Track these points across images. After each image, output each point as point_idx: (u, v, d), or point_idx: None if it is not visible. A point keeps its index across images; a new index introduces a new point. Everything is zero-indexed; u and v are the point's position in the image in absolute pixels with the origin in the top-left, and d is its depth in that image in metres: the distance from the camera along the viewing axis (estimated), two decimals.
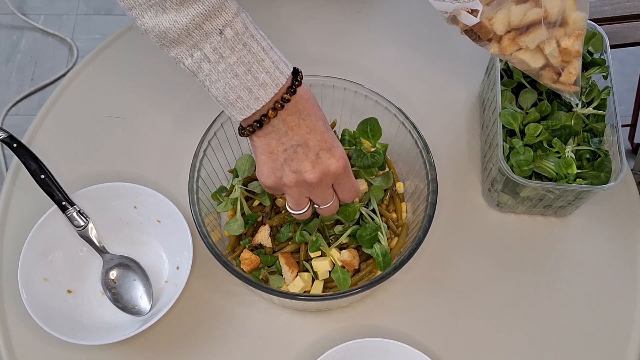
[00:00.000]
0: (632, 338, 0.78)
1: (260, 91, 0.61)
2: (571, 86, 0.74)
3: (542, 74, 0.74)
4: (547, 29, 0.68)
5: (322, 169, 0.64)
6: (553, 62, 0.71)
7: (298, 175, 0.64)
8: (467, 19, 0.69)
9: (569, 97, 0.76)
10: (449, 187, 0.86)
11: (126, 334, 0.72)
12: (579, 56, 0.71)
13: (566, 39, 0.68)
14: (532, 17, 0.68)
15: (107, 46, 0.99)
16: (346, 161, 0.65)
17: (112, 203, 0.80)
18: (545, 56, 0.71)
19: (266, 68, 0.61)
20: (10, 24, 2.03)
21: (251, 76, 0.60)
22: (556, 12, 0.67)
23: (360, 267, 0.76)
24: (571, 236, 0.85)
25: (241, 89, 0.61)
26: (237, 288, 0.79)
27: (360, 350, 0.71)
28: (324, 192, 0.67)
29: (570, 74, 0.71)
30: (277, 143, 0.64)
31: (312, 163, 0.64)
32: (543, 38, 0.68)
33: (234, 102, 0.62)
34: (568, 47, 0.67)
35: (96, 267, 0.80)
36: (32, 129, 0.91)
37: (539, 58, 0.71)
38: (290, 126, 0.63)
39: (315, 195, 0.67)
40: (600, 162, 0.76)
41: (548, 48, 0.69)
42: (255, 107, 0.61)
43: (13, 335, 0.76)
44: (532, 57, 0.71)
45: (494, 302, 0.80)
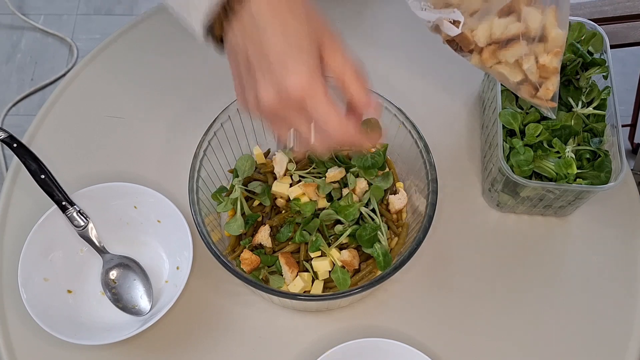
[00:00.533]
0: (632, 338, 0.78)
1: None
2: (548, 102, 0.73)
3: (521, 88, 0.73)
4: (527, 44, 0.67)
5: (275, 87, 0.53)
6: (531, 78, 0.70)
7: (256, 94, 0.55)
8: (449, 29, 0.68)
9: (546, 112, 0.75)
10: (449, 187, 0.86)
11: (126, 334, 0.72)
12: (557, 73, 0.70)
13: (545, 56, 0.67)
14: (513, 31, 0.67)
15: (107, 46, 0.99)
16: (308, 82, 0.52)
17: (112, 203, 0.80)
18: (523, 71, 0.70)
19: None
20: (10, 24, 2.03)
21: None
22: (536, 28, 0.66)
23: (360, 267, 0.76)
24: (571, 236, 0.85)
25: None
26: (237, 288, 0.79)
27: (360, 350, 0.71)
28: (293, 118, 0.55)
29: (547, 90, 0.71)
30: (238, 58, 0.55)
31: (264, 79, 0.53)
32: (522, 53, 0.67)
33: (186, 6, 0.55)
34: (546, 63, 0.67)
35: (96, 267, 0.80)
36: (32, 129, 0.91)
37: (518, 73, 0.70)
38: (246, 35, 0.54)
39: (291, 123, 0.56)
40: (600, 162, 0.76)
41: (526, 64, 0.69)
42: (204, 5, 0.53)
43: (13, 335, 0.76)
44: (511, 72, 0.70)
45: (494, 302, 0.80)
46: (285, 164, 0.78)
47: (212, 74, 0.95)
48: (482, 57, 0.70)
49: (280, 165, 0.78)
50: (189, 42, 1.00)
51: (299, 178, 0.79)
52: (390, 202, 0.79)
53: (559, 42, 0.66)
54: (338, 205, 0.75)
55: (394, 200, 0.78)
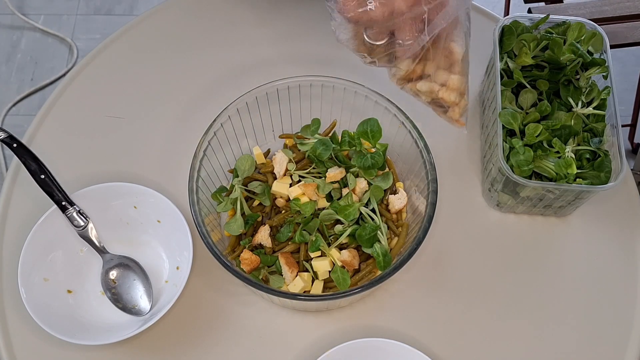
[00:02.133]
0: (632, 338, 0.78)
1: None
2: (458, 121, 0.77)
3: (432, 107, 0.78)
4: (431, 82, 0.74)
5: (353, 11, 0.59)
6: (439, 103, 0.77)
7: None
8: None
9: (458, 128, 0.79)
10: (449, 187, 0.86)
11: (126, 334, 0.72)
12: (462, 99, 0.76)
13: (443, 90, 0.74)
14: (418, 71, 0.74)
15: (107, 46, 0.99)
16: None
17: (112, 203, 0.80)
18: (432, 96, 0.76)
19: None
20: (10, 24, 2.03)
21: None
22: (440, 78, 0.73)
23: (360, 267, 0.76)
24: (571, 236, 0.85)
25: None
26: (237, 288, 0.79)
27: (360, 350, 0.72)
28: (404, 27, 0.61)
29: (454, 112, 0.76)
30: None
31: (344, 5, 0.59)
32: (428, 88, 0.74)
33: None
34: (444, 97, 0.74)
35: (96, 267, 0.80)
36: (32, 129, 0.91)
37: (427, 97, 0.76)
38: None
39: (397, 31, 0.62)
40: (600, 162, 0.76)
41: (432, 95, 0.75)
42: None
43: (13, 335, 0.77)
44: (422, 95, 0.76)
45: (494, 302, 0.80)
46: (285, 164, 0.78)
47: (212, 74, 0.95)
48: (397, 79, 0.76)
49: (280, 165, 0.78)
50: (189, 42, 1.00)
51: (299, 178, 0.79)
52: (390, 202, 0.79)
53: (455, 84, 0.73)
54: (338, 205, 0.75)
55: (393, 200, 0.78)
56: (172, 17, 1.02)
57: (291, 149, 0.82)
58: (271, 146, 0.86)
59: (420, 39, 0.67)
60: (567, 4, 1.42)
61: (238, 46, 0.98)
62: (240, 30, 1.00)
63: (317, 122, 0.81)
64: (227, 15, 1.01)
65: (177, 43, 0.99)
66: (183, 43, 0.99)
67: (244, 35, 0.99)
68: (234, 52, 0.98)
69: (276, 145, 0.85)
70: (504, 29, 0.85)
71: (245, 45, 0.98)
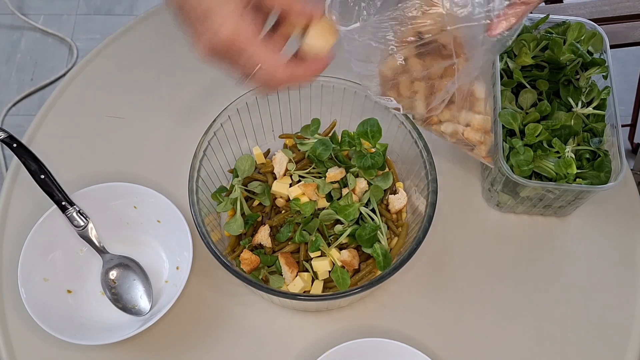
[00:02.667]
0: (632, 338, 0.78)
1: None
2: (486, 158, 0.77)
3: (458, 146, 0.78)
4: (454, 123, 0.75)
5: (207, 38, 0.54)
6: (465, 142, 0.77)
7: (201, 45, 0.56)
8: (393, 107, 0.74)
9: (485, 163, 0.80)
10: (449, 187, 0.86)
11: (126, 334, 0.72)
12: (488, 137, 0.76)
13: (468, 131, 0.74)
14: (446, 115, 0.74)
15: (107, 46, 0.99)
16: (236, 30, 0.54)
17: (112, 203, 0.80)
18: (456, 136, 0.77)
19: None
20: (10, 24, 2.03)
21: None
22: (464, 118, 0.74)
23: (360, 267, 0.76)
24: (571, 236, 0.85)
25: None
26: (237, 288, 0.79)
27: (360, 350, 0.71)
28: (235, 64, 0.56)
29: (480, 149, 0.76)
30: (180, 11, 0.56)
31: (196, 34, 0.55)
32: (452, 129, 0.75)
33: None
34: (469, 137, 0.74)
35: (96, 267, 0.80)
36: (32, 129, 0.91)
37: (452, 137, 0.77)
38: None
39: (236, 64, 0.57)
40: (600, 162, 0.76)
41: (455, 137, 0.75)
42: None
43: (13, 335, 0.77)
44: (447, 136, 0.76)
45: (494, 302, 0.80)
46: (285, 163, 0.78)
47: (212, 74, 0.95)
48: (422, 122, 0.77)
49: (280, 165, 0.78)
50: (189, 42, 1.00)
51: (299, 178, 0.79)
52: (390, 202, 0.79)
53: (480, 124, 0.73)
54: (338, 205, 0.75)
55: (393, 200, 0.78)
56: (172, 17, 1.02)
57: (291, 149, 0.82)
58: (271, 146, 0.86)
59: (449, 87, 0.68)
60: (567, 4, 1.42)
61: None
62: None
63: (317, 122, 0.81)
64: None
65: (177, 43, 0.99)
66: (183, 43, 0.99)
67: None
68: None
69: (276, 145, 0.85)
70: None
71: None
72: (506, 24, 0.62)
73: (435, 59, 0.68)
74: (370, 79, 0.71)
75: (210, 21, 0.53)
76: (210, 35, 0.54)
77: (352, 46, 0.66)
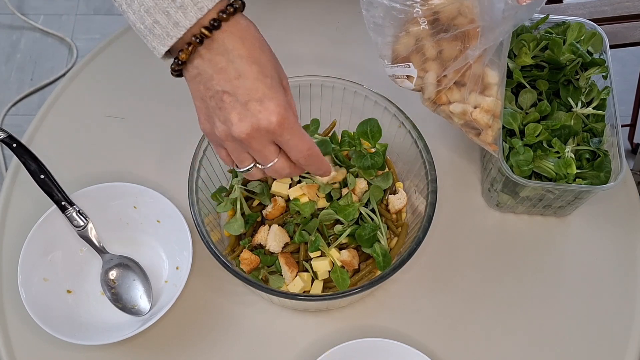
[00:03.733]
0: (632, 338, 0.78)
1: (178, 15, 0.53)
2: (491, 145, 0.77)
3: (464, 129, 0.78)
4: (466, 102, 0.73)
5: (250, 122, 0.55)
6: (472, 125, 0.76)
7: (227, 127, 0.57)
8: (404, 84, 0.74)
9: (490, 152, 0.80)
10: (449, 187, 0.86)
11: (126, 334, 0.72)
12: (496, 123, 0.75)
13: (476, 112, 0.73)
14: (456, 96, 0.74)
15: (107, 46, 0.99)
16: (284, 116, 0.56)
17: (112, 203, 0.80)
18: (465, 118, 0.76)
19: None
20: (10, 24, 2.03)
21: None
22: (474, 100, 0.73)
23: (359, 267, 0.76)
24: (571, 236, 0.85)
25: (157, 11, 0.54)
26: (237, 288, 0.79)
27: (360, 350, 0.72)
28: (262, 150, 0.58)
29: (487, 136, 0.75)
30: (205, 88, 0.57)
31: (239, 115, 0.56)
32: (462, 109, 0.74)
33: (151, 28, 0.55)
34: (477, 119, 0.73)
35: (96, 267, 0.80)
36: (32, 129, 0.91)
37: (461, 119, 0.76)
38: (217, 69, 0.55)
39: (252, 152, 0.59)
40: (600, 162, 0.76)
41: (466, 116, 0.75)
42: (175, 34, 0.54)
43: (13, 335, 0.76)
44: (455, 117, 0.76)
45: (493, 302, 0.80)
46: None
47: None
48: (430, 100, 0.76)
49: None
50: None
51: (299, 178, 0.79)
52: (390, 202, 0.79)
53: (490, 106, 0.73)
54: (337, 205, 0.75)
55: (393, 200, 0.78)
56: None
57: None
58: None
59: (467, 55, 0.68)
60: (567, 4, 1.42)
61: None
62: None
63: (317, 123, 0.81)
64: None
65: None
66: None
67: None
68: None
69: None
70: None
71: None
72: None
73: (452, 34, 0.68)
74: (387, 47, 0.71)
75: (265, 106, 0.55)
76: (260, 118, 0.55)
77: (371, 12, 0.66)
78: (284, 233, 0.75)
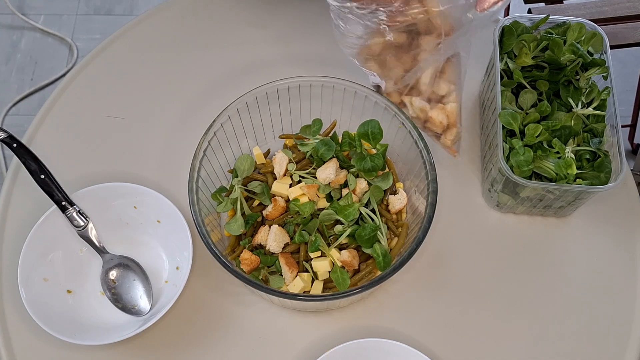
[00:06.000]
0: (632, 338, 0.78)
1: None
2: (451, 149, 0.80)
3: (426, 131, 0.82)
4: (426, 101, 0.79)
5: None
6: (431, 128, 0.81)
7: None
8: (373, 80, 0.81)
9: (451, 155, 0.84)
10: (449, 188, 0.86)
11: (126, 334, 0.72)
12: (454, 127, 0.79)
13: (434, 111, 0.78)
14: None
15: (107, 46, 0.99)
16: None
17: (112, 203, 0.80)
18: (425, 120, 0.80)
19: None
20: (10, 24, 2.03)
21: None
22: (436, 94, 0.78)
23: (360, 268, 0.75)
24: (571, 236, 0.85)
25: None
26: (237, 288, 0.79)
27: (360, 350, 0.72)
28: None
29: (446, 139, 0.79)
30: None
31: None
32: (421, 106, 0.79)
33: None
34: (433, 116, 0.77)
35: (96, 267, 0.80)
36: (32, 129, 0.91)
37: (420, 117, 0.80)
38: None
39: None
40: (600, 162, 0.76)
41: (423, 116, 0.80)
42: None
43: (13, 335, 0.76)
44: (417, 117, 0.80)
45: (493, 302, 0.80)
46: (285, 164, 0.78)
47: (212, 74, 0.95)
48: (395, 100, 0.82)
49: (280, 165, 0.78)
50: (189, 42, 1.00)
51: (299, 178, 0.79)
52: (390, 202, 0.79)
53: (450, 110, 0.78)
54: (338, 206, 0.75)
55: (393, 201, 0.78)
56: (172, 17, 1.02)
57: (291, 149, 0.82)
58: (271, 146, 0.86)
59: None
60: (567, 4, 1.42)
61: (238, 46, 0.98)
62: (240, 31, 1.00)
63: (319, 123, 0.81)
64: (227, 16, 1.01)
65: (177, 43, 0.99)
66: (183, 43, 0.99)
67: (244, 35, 0.99)
68: (234, 52, 0.98)
69: (276, 145, 0.85)
70: (504, 30, 0.85)
71: (245, 45, 0.98)
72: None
73: (424, 37, 0.71)
74: (353, 51, 0.76)
75: None
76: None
77: (341, 21, 0.70)
78: (284, 233, 0.75)
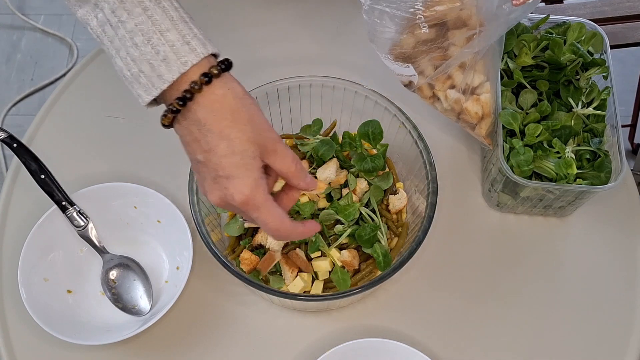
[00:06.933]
0: (632, 338, 0.78)
1: (162, 68, 0.54)
2: (485, 139, 0.79)
3: (460, 123, 0.81)
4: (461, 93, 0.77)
5: (219, 195, 0.56)
6: (466, 119, 0.79)
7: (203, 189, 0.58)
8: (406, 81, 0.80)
9: (484, 146, 0.82)
10: (449, 187, 0.86)
11: (126, 334, 0.72)
12: (489, 117, 0.78)
13: (469, 102, 0.76)
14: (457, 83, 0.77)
15: None
16: (248, 196, 0.55)
17: (112, 203, 0.80)
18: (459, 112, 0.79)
19: (170, 41, 0.54)
20: (10, 24, 2.03)
21: (151, 48, 0.54)
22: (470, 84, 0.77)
23: (360, 267, 0.75)
24: (571, 236, 0.85)
25: (142, 62, 0.54)
26: (237, 288, 0.79)
27: (360, 350, 0.71)
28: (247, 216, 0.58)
29: (480, 129, 0.78)
30: (187, 150, 0.58)
31: (210, 186, 0.57)
32: (455, 98, 0.77)
33: (137, 77, 0.55)
34: (468, 107, 0.76)
35: (96, 267, 0.80)
36: (32, 129, 0.91)
37: (456, 113, 0.79)
38: (193, 138, 0.56)
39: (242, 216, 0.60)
40: (600, 162, 0.76)
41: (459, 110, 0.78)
42: (159, 86, 0.54)
43: (13, 335, 0.76)
44: (450, 111, 0.79)
45: (493, 302, 0.80)
46: None
47: None
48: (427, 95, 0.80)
49: None
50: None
51: None
52: (390, 202, 0.79)
53: (484, 101, 0.77)
54: (338, 206, 0.75)
55: (393, 201, 0.78)
56: None
57: (291, 149, 0.82)
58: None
59: None
60: (567, 4, 1.42)
61: (238, 46, 0.98)
62: (240, 30, 1.00)
63: (319, 123, 0.81)
64: (226, 15, 1.01)
65: None
66: None
67: (244, 35, 0.99)
68: (233, 52, 0.97)
69: None
70: None
71: (245, 45, 0.98)
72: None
73: (453, 31, 0.70)
74: (386, 47, 0.74)
75: (231, 184, 0.55)
76: (226, 194, 0.55)
77: (373, 16, 0.69)
78: None
